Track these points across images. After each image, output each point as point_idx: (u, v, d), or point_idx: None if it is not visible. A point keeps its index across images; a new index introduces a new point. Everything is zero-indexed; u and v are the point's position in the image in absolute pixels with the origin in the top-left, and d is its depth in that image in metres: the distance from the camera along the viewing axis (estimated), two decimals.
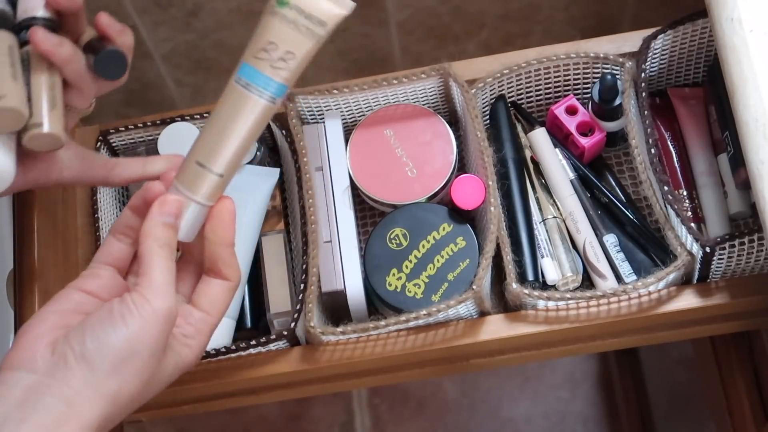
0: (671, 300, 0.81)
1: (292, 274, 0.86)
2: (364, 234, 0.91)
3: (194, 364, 0.63)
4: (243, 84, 0.61)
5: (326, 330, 0.80)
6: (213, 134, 0.61)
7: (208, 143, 0.61)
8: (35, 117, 0.64)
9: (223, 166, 0.62)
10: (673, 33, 0.86)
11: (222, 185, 0.62)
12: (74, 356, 0.57)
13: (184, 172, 0.62)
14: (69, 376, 0.56)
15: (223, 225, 0.63)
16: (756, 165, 0.68)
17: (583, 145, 0.88)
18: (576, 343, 0.88)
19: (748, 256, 0.79)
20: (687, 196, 0.88)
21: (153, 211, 0.61)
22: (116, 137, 0.91)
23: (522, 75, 0.88)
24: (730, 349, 1.03)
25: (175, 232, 0.61)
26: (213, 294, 0.63)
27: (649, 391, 1.41)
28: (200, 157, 0.61)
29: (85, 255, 0.89)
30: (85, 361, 0.56)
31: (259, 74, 0.61)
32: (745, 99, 0.69)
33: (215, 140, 0.61)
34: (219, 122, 0.61)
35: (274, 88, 0.61)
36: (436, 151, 0.87)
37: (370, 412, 1.49)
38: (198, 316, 0.62)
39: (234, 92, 0.61)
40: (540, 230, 0.86)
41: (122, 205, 0.92)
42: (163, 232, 0.60)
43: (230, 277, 0.63)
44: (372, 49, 1.09)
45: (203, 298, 0.63)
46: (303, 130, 0.87)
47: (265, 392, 0.89)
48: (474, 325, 0.82)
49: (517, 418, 1.47)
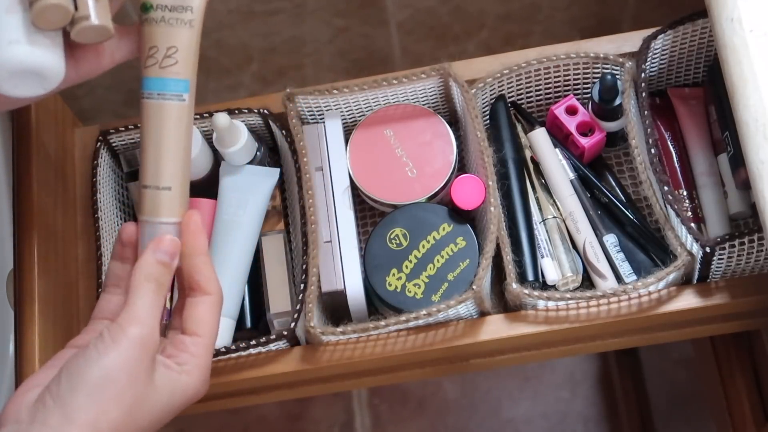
0: (671, 300, 0.81)
1: (292, 274, 0.87)
2: (364, 234, 0.91)
3: (201, 388, 0.62)
4: (145, 96, 0.62)
5: (326, 330, 0.80)
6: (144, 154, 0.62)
7: (145, 164, 0.62)
8: (81, 10, 0.64)
9: (167, 179, 0.62)
10: (673, 33, 0.86)
11: (178, 196, 0.62)
12: (51, 397, 0.57)
13: (141, 202, 0.63)
14: (47, 416, 0.57)
15: (192, 235, 0.63)
16: (756, 165, 0.68)
17: (583, 145, 0.88)
18: (576, 343, 0.88)
19: (748, 256, 0.79)
20: (687, 196, 0.88)
21: (148, 248, 0.61)
22: (116, 137, 0.91)
23: (522, 75, 0.88)
24: (730, 349, 1.03)
25: (169, 270, 0.62)
26: (198, 314, 0.63)
27: (649, 391, 1.41)
28: (145, 180, 0.62)
29: (85, 255, 0.89)
30: (61, 398, 0.57)
31: (152, 80, 0.62)
32: (745, 99, 0.69)
33: (147, 159, 0.62)
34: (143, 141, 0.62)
35: (172, 86, 0.61)
36: (436, 151, 0.87)
37: (370, 412, 1.49)
38: (188, 340, 0.62)
39: (142, 107, 0.62)
40: (540, 230, 0.86)
41: (122, 205, 0.92)
42: (155, 268, 0.61)
43: (210, 291, 0.63)
44: (372, 49, 1.09)
45: (189, 320, 0.63)
46: (303, 130, 0.87)
47: (265, 392, 0.89)
48: (474, 325, 0.82)
49: (517, 418, 1.47)
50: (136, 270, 0.61)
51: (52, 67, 0.65)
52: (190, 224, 0.63)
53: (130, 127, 0.90)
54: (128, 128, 0.90)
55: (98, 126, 0.92)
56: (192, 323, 0.62)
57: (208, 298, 0.63)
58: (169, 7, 0.61)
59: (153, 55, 0.62)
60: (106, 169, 0.91)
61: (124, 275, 0.64)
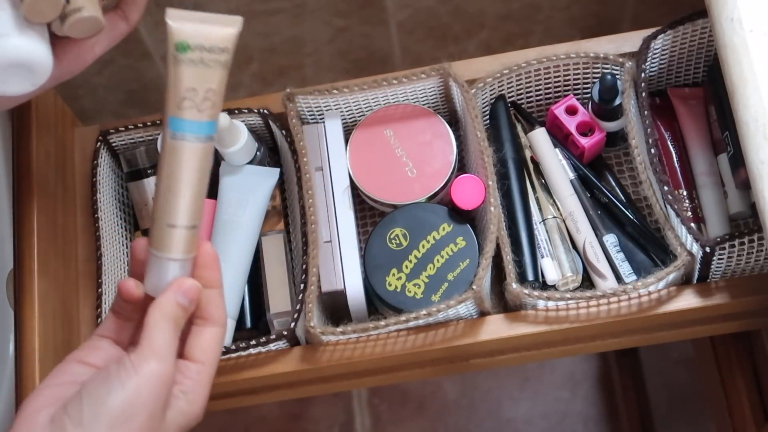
0: (671, 300, 0.81)
1: (292, 274, 0.87)
2: (364, 234, 0.91)
3: (200, 416, 0.63)
4: (178, 137, 0.61)
5: (326, 330, 0.80)
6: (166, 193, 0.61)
7: (166, 202, 0.61)
8: (73, 2, 0.64)
9: (186, 218, 0.61)
10: (673, 33, 0.86)
11: (193, 235, 0.62)
12: (72, 423, 0.57)
13: (154, 236, 0.62)
14: None
15: (210, 269, 0.64)
16: (756, 165, 0.68)
17: (583, 145, 0.88)
18: (576, 343, 0.88)
19: (748, 256, 0.79)
20: (687, 196, 0.88)
21: (171, 288, 0.61)
22: (116, 137, 0.91)
23: (522, 75, 0.88)
24: (730, 349, 1.03)
25: (185, 313, 0.62)
26: (206, 343, 0.63)
27: (649, 391, 1.41)
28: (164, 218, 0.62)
29: (85, 255, 0.89)
30: (83, 427, 0.57)
31: (188, 123, 0.60)
32: (745, 99, 0.69)
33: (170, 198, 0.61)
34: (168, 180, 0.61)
35: (205, 128, 0.61)
36: (436, 151, 0.87)
37: (370, 412, 1.49)
38: (194, 368, 0.62)
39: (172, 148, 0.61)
40: (540, 230, 0.86)
41: (122, 205, 0.92)
42: (174, 309, 0.61)
43: (221, 323, 0.64)
44: (372, 49, 1.09)
45: (197, 349, 0.63)
46: (303, 130, 0.87)
47: (265, 392, 0.89)
48: (474, 325, 0.82)
49: (517, 418, 1.47)
50: (156, 307, 0.61)
51: (42, 61, 0.64)
52: (208, 258, 0.64)
53: (130, 127, 0.90)
54: (128, 128, 0.90)
55: (98, 126, 0.92)
56: (199, 351, 0.63)
57: (218, 330, 0.64)
58: (207, 48, 0.60)
59: (191, 97, 0.60)
60: (106, 169, 0.91)
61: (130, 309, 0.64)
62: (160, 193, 0.62)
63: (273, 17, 1.02)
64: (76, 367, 0.62)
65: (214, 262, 0.64)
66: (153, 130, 0.90)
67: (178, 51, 0.60)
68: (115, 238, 0.90)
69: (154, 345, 0.59)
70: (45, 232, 0.85)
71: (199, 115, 0.60)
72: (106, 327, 0.64)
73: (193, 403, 0.62)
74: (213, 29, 0.61)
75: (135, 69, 1.07)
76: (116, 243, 0.90)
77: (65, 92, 1.03)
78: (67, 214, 0.90)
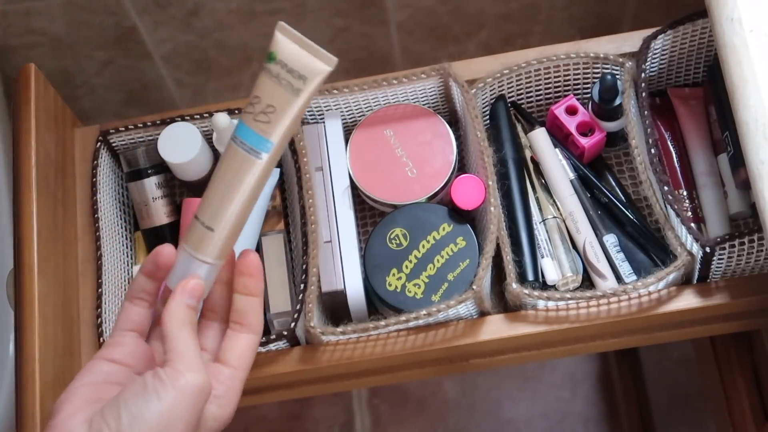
0: (671, 300, 0.81)
1: (292, 274, 0.86)
2: (364, 234, 0.91)
3: (229, 420, 0.64)
4: (237, 142, 0.62)
5: (326, 330, 0.80)
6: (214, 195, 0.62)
7: (210, 204, 0.62)
8: None
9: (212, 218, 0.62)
10: (673, 33, 0.86)
11: (225, 239, 0.63)
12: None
13: (191, 234, 0.63)
14: None
15: (253, 279, 0.64)
16: (756, 165, 0.68)
17: (583, 145, 0.88)
18: (576, 343, 0.88)
19: (748, 256, 0.79)
20: (687, 196, 0.88)
21: (176, 293, 0.62)
22: (116, 137, 0.91)
23: (522, 75, 0.88)
24: (730, 349, 1.03)
25: (196, 312, 0.63)
26: (240, 349, 0.64)
27: (649, 391, 1.41)
28: (205, 219, 0.62)
29: (85, 255, 0.89)
30: None
31: (242, 126, 0.61)
32: (745, 99, 0.69)
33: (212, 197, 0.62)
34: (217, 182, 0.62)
35: (254, 141, 0.61)
36: (436, 151, 0.87)
37: (370, 412, 1.49)
38: (227, 373, 0.63)
39: (229, 149, 0.62)
40: (540, 230, 0.86)
41: (122, 205, 0.92)
42: (185, 313, 0.62)
43: (256, 330, 0.65)
44: (372, 49, 1.09)
45: (231, 353, 0.64)
46: (303, 130, 0.87)
47: (265, 392, 0.89)
48: (474, 325, 0.82)
49: (517, 418, 1.47)
50: (171, 315, 0.62)
51: None
52: (252, 267, 0.64)
53: (130, 127, 0.90)
54: (128, 128, 0.90)
55: (98, 126, 0.92)
56: (234, 357, 0.64)
57: (253, 337, 0.65)
58: (288, 68, 0.61)
59: (254, 104, 0.61)
60: (106, 169, 0.91)
61: (151, 290, 0.65)
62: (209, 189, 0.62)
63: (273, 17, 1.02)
64: (104, 365, 0.63)
65: (258, 271, 0.65)
66: (153, 130, 0.90)
67: (267, 59, 0.61)
68: (115, 238, 0.90)
69: (185, 357, 0.60)
70: (45, 232, 0.85)
71: (251, 123, 0.61)
72: (126, 319, 0.65)
73: (225, 407, 0.63)
74: (303, 54, 0.61)
75: (135, 69, 1.06)
76: (116, 243, 0.90)
77: (65, 92, 1.03)
78: (67, 214, 0.90)
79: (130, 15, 0.98)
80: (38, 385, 0.79)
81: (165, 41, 1.03)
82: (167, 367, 0.59)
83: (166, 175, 0.92)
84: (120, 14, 0.98)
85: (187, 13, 1.00)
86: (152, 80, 1.09)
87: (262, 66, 0.62)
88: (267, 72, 0.61)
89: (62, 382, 0.81)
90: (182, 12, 0.99)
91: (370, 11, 1.03)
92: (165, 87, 1.10)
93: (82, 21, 0.98)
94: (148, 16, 0.99)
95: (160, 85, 1.10)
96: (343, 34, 1.06)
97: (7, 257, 0.82)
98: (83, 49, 1.02)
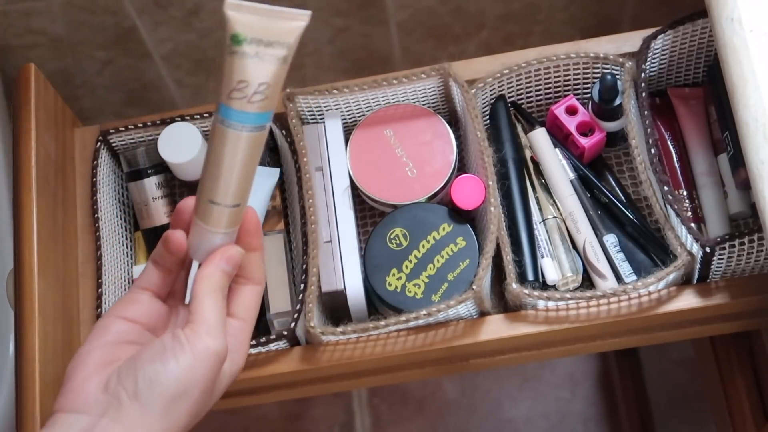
0: (671, 300, 0.81)
1: (292, 274, 0.86)
2: (364, 234, 0.91)
3: (238, 373, 0.64)
4: (226, 124, 0.60)
5: (326, 330, 0.80)
6: (213, 173, 0.62)
7: (211, 181, 0.62)
8: None
9: (231, 197, 0.62)
10: (673, 33, 0.86)
11: (236, 213, 0.63)
12: (127, 395, 0.58)
13: (200, 209, 0.63)
14: (122, 416, 0.57)
15: (253, 236, 0.65)
16: (756, 165, 0.68)
17: (583, 145, 0.88)
18: (576, 343, 0.88)
19: (748, 256, 0.79)
20: (687, 196, 0.88)
21: (215, 257, 0.62)
22: (116, 137, 0.91)
23: (522, 75, 0.88)
24: (730, 349, 1.03)
25: (230, 279, 0.63)
26: (247, 300, 0.64)
27: (649, 391, 1.41)
28: (210, 195, 0.62)
29: (85, 255, 0.89)
30: (138, 400, 0.58)
31: (237, 112, 0.60)
32: (745, 99, 0.69)
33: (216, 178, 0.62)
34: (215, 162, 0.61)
35: (254, 119, 0.60)
36: (436, 151, 0.87)
37: (370, 412, 1.49)
38: (237, 325, 0.63)
39: (219, 133, 0.61)
40: (540, 230, 0.86)
41: (122, 205, 0.92)
42: (220, 278, 0.62)
43: (260, 281, 0.65)
44: (372, 49, 1.09)
45: (239, 306, 0.64)
46: (303, 130, 0.87)
47: (265, 392, 0.89)
48: (474, 325, 0.82)
49: (517, 418, 1.47)
50: (204, 279, 0.62)
51: None
52: (251, 224, 0.65)
53: (130, 127, 0.90)
54: (128, 128, 0.90)
55: (98, 126, 0.92)
56: (241, 309, 0.64)
57: (258, 288, 0.65)
58: (264, 43, 0.58)
59: (242, 89, 0.59)
60: (106, 169, 0.91)
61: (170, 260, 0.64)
62: (205, 170, 0.62)
63: None
64: (118, 323, 0.62)
65: (257, 228, 0.65)
66: (153, 130, 0.90)
67: (233, 43, 0.59)
68: (115, 238, 0.90)
69: (208, 322, 0.60)
70: (45, 232, 0.85)
71: (249, 107, 0.60)
72: (146, 279, 0.64)
73: (236, 362, 0.63)
74: (274, 23, 0.59)
75: (135, 69, 1.06)
76: (116, 243, 0.90)
77: (65, 92, 1.03)
78: (67, 214, 0.90)
79: (130, 15, 0.98)
80: (38, 385, 0.79)
81: (165, 41, 1.03)
82: (187, 330, 0.59)
83: (166, 175, 0.92)
84: (120, 14, 0.98)
85: (187, 13, 1.00)
86: (152, 80, 1.09)
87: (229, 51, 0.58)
88: (242, 54, 0.58)
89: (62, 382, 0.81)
90: (182, 12, 0.99)
91: (370, 11, 1.03)
92: (165, 87, 1.10)
93: (82, 21, 0.98)
94: (148, 16, 0.99)
95: (160, 85, 1.10)
96: (342, 34, 1.06)
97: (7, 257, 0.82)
98: (83, 49, 1.02)
